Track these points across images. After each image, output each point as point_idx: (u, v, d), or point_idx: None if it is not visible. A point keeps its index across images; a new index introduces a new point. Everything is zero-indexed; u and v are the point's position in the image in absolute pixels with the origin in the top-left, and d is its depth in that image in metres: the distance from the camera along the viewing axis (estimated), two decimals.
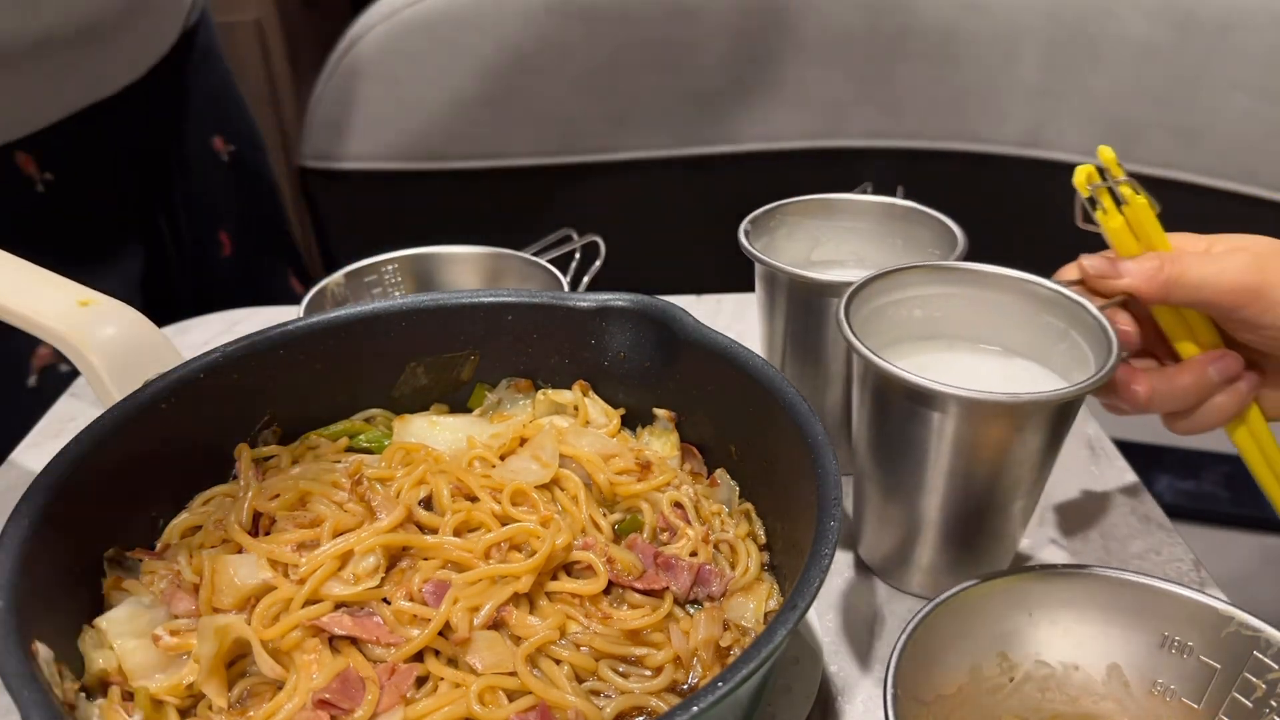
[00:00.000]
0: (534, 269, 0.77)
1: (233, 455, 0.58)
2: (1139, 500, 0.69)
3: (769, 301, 0.69)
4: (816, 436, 0.49)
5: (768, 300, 0.69)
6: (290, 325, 0.59)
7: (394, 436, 0.61)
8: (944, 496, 0.56)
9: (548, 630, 0.47)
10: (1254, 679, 0.44)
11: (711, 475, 0.59)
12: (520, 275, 0.78)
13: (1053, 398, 0.50)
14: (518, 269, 0.78)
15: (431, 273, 0.81)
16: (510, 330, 0.63)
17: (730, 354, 0.56)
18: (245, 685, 0.46)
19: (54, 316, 0.60)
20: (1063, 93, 1.32)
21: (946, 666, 0.47)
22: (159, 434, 0.54)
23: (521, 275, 0.78)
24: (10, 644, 0.40)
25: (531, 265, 0.77)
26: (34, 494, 0.46)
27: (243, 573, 0.48)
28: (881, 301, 0.60)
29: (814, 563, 0.42)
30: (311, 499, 0.53)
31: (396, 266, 0.79)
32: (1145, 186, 0.58)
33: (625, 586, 0.51)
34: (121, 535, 0.52)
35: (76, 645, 0.47)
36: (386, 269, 0.79)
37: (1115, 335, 0.54)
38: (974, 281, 0.60)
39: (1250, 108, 1.20)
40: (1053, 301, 0.58)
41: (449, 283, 0.81)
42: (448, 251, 0.80)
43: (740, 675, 0.38)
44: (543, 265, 0.77)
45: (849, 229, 0.73)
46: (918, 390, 0.51)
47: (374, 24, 1.37)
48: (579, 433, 0.60)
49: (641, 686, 0.47)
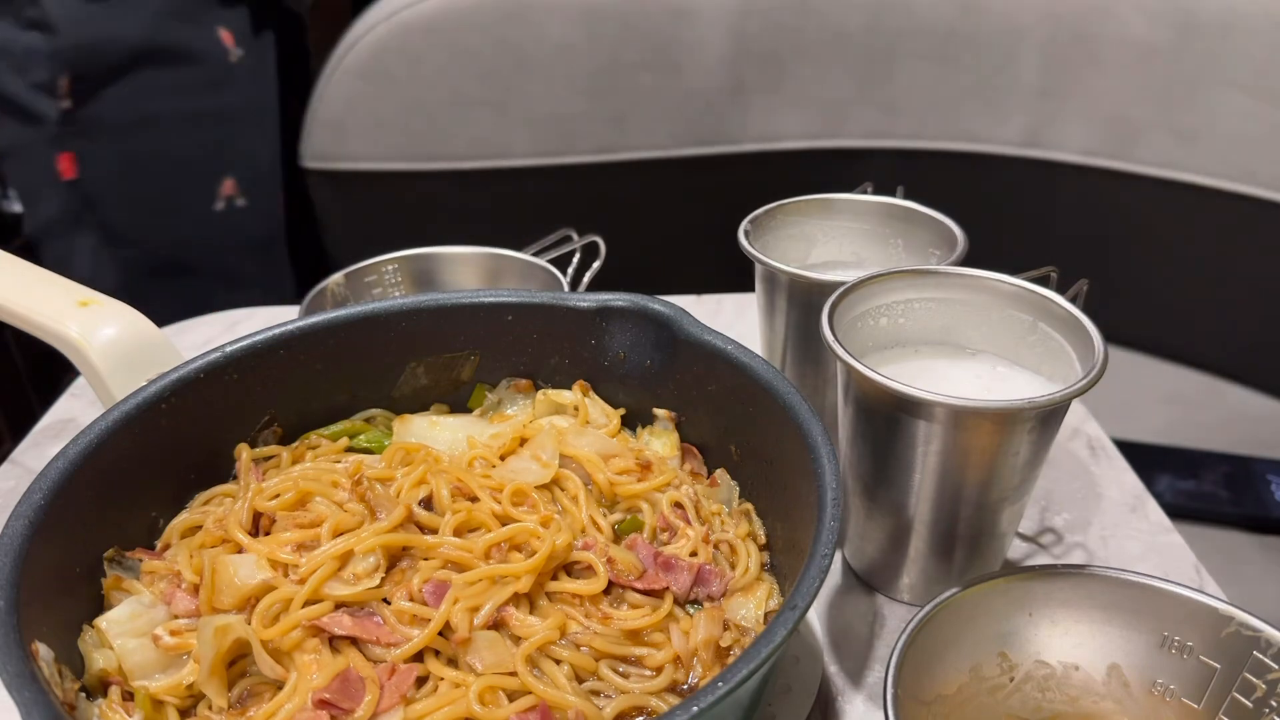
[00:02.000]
0: (534, 269, 0.77)
1: (233, 455, 0.58)
2: (1139, 500, 0.69)
3: (769, 301, 0.69)
4: (816, 436, 0.49)
5: (768, 300, 0.69)
6: (290, 325, 0.59)
7: (394, 436, 0.61)
8: (931, 504, 0.56)
9: (548, 630, 0.47)
10: (1254, 679, 0.44)
11: (711, 475, 0.59)
12: (520, 275, 0.78)
13: (1042, 403, 0.50)
14: (518, 269, 0.78)
15: (431, 273, 0.81)
16: (510, 330, 0.63)
17: (730, 354, 0.56)
18: (245, 685, 0.46)
19: (54, 316, 0.60)
20: (1062, 93, 1.32)
21: (947, 666, 0.47)
22: (159, 434, 0.54)
23: (522, 275, 0.78)
24: (10, 644, 0.40)
25: (531, 266, 0.78)
26: (34, 494, 0.46)
27: (243, 573, 0.48)
28: (860, 310, 0.60)
29: (814, 563, 0.42)
30: (311, 499, 0.53)
31: (397, 267, 0.79)
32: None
33: (625, 586, 0.51)
34: (121, 535, 0.52)
35: (76, 645, 0.47)
36: (387, 269, 0.79)
37: (1099, 334, 0.53)
38: (938, 285, 0.60)
39: (1249, 108, 1.20)
40: (1017, 296, 0.58)
41: (449, 283, 0.81)
42: (448, 252, 0.81)
43: (740, 675, 0.38)
44: (542, 265, 0.77)
45: (849, 229, 0.73)
46: (904, 399, 0.51)
47: (374, 24, 1.37)
48: (579, 433, 0.60)
49: (641, 686, 0.47)
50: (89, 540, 0.50)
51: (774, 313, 0.69)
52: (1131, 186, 1.29)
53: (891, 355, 0.61)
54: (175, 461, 0.55)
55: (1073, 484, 0.71)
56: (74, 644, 0.47)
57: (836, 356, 0.53)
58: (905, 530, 0.57)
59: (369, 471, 0.54)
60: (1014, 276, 0.59)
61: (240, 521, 0.51)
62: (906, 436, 0.53)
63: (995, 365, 0.60)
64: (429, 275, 0.81)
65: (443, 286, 0.81)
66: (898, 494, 0.56)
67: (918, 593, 0.60)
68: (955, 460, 0.53)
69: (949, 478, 0.54)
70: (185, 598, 0.49)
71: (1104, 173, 1.31)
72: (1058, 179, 1.36)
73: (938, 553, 0.58)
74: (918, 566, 0.59)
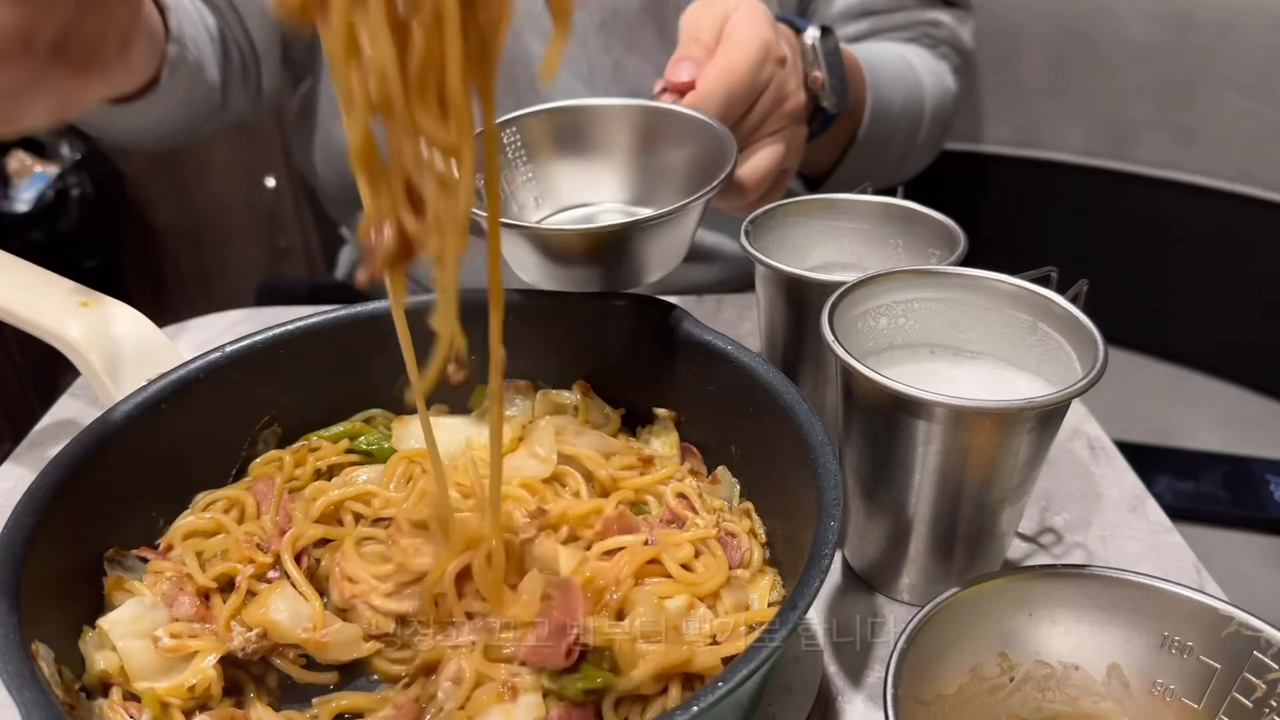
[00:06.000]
0: (700, 127, 0.65)
1: (233, 455, 0.58)
2: (1139, 500, 0.69)
3: (769, 302, 0.69)
4: (816, 436, 0.49)
5: (768, 300, 0.69)
6: (290, 325, 0.59)
7: (394, 438, 0.61)
8: (931, 504, 0.55)
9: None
10: (1254, 679, 0.44)
11: (712, 474, 0.59)
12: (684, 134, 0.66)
13: (1042, 403, 0.50)
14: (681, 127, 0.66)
15: (573, 131, 0.68)
16: (510, 330, 0.62)
17: (730, 354, 0.56)
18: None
19: (54, 316, 0.60)
20: (1061, 93, 1.32)
21: (947, 666, 0.47)
22: (159, 434, 0.54)
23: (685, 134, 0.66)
24: (10, 644, 0.40)
25: (696, 122, 0.66)
26: (34, 494, 0.46)
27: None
28: (860, 310, 0.59)
29: (814, 563, 0.42)
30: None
31: (517, 130, 0.67)
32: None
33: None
34: (121, 535, 0.52)
35: (77, 645, 0.47)
36: (506, 133, 0.66)
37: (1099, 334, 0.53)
38: (938, 285, 0.60)
39: (1248, 108, 1.20)
40: (1017, 296, 0.58)
41: (582, 139, 0.69)
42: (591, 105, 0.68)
43: (740, 675, 0.38)
44: (707, 121, 0.65)
45: (849, 229, 0.73)
46: (904, 399, 0.51)
47: None
48: (579, 432, 0.60)
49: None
50: (89, 540, 0.50)
51: (774, 313, 0.69)
52: (1130, 186, 1.29)
53: (891, 355, 0.61)
54: (175, 461, 0.55)
55: (1073, 484, 0.71)
56: (74, 644, 0.47)
57: (836, 357, 0.53)
58: (905, 530, 0.57)
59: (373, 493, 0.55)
60: (1014, 276, 0.59)
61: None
62: (906, 436, 0.53)
63: (995, 365, 0.60)
64: (562, 136, 0.68)
65: (581, 147, 0.69)
66: (898, 494, 0.56)
67: (918, 593, 0.60)
68: (955, 460, 0.53)
69: (949, 478, 0.54)
70: (188, 600, 0.49)
71: (1103, 172, 1.31)
72: (1057, 179, 1.36)
73: (938, 553, 0.58)
74: (918, 566, 0.59)
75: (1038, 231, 1.41)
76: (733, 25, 0.69)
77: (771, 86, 0.70)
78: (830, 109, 0.80)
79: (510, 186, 0.67)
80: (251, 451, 0.59)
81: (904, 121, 1.02)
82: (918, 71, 1.04)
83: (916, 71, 1.04)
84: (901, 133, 1.03)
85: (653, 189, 0.68)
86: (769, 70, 0.69)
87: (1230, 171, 1.23)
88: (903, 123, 1.02)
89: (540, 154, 0.68)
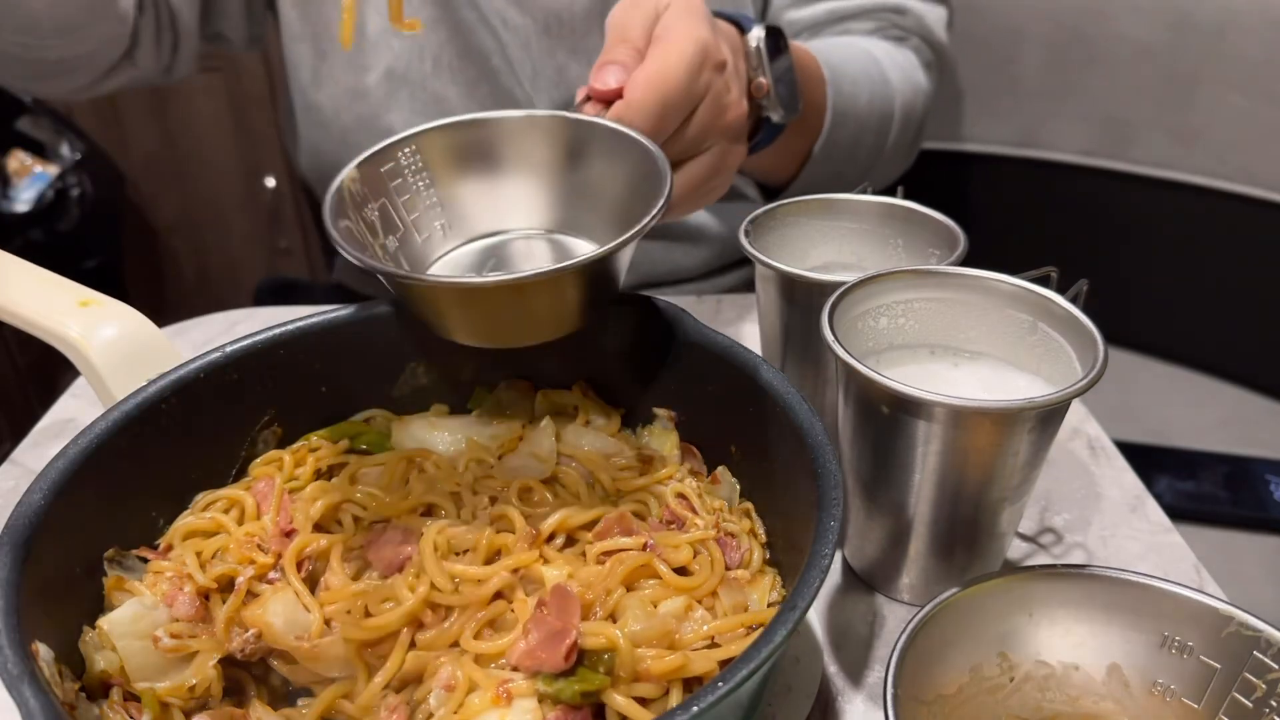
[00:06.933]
0: (623, 141, 0.58)
1: (233, 455, 0.58)
2: (1139, 500, 0.69)
3: (769, 302, 0.69)
4: (816, 436, 0.49)
5: (768, 300, 0.69)
6: (290, 325, 0.59)
7: (393, 438, 0.61)
8: (931, 504, 0.55)
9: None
10: (1254, 679, 0.44)
11: (712, 473, 0.59)
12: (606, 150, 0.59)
13: (1042, 403, 0.50)
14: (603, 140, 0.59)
15: (474, 149, 0.61)
16: None
17: (730, 354, 0.56)
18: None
19: (54, 316, 0.60)
20: (1061, 93, 1.32)
21: (947, 666, 0.47)
22: (159, 434, 0.54)
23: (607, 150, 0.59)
24: (10, 644, 0.40)
25: (620, 136, 0.58)
26: (34, 494, 0.46)
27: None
28: (860, 310, 0.59)
29: (814, 563, 0.42)
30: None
31: (415, 149, 0.59)
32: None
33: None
34: (121, 535, 0.52)
35: (77, 646, 0.47)
36: (402, 153, 0.59)
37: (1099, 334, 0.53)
38: (938, 285, 0.60)
39: (1247, 108, 1.20)
40: (1017, 296, 0.58)
41: (493, 157, 0.61)
42: (488, 119, 0.60)
43: (740, 675, 0.38)
44: (632, 136, 0.58)
45: (849, 229, 0.73)
46: (904, 399, 0.51)
47: None
48: (579, 432, 0.60)
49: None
50: (89, 540, 0.50)
51: (774, 313, 0.69)
52: (1129, 186, 1.29)
53: (891, 355, 0.61)
54: (175, 461, 0.55)
55: (1073, 484, 0.71)
56: (74, 644, 0.47)
57: (836, 357, 0.53)
58: (905, 530, 0.57)
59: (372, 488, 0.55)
60: (1014, 276, 0.59)
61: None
62: (906, 436, 0.53)
63: (995, 365, 0.60)
64: (469, 154, 0.60)
65: (484, 163, 0.61)
66: (898, 494, 0.56)
67: (918, 593, 0.60)
68: (955, 460, 0.53)
69: (949, 478, 0.54)
70: (188, 600, 0.49)
71: (1103, 172, 1.31)
72: (1057, 179, 1.36)
73: (938, 553, 0.58)
74: (918, 566, 0.59)
75: (1037, 231, 1.42)
76: (665, 24, 0.62)
77: (709, 96, 0.62)
78: (777, 120, 0.73)
79: (411, 215, 0.59)
80: (251, 451, 0.59)
81: (871, 124, 0.94)
82: (884, 68, 0.95)
83: (883, 68, 0.95)
84: (869, 136, 0.94)
85: (575, 212, 0.60)
86: (706, 77, 0.62)
87: (1230, 171, 1.23)
88: (869, 126, 0.94)
89: (445, 175, 0.59)
